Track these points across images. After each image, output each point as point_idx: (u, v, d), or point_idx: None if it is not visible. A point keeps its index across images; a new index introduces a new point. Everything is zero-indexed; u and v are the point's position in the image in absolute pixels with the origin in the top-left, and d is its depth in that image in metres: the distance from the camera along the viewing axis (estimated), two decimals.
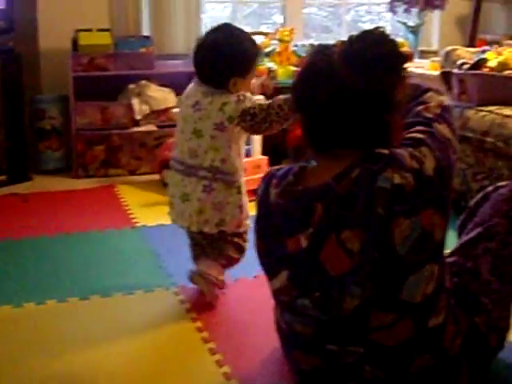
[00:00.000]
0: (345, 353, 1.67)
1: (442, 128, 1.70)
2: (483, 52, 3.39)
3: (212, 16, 5.11)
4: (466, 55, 3.48)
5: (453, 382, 1.75)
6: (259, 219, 1.76)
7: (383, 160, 1.58)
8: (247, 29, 4.72)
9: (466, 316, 1.76)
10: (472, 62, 3.26)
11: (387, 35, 1.65)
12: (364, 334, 1.64)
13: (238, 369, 1.99)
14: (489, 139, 3.02)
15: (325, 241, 1.59)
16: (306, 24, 5.21)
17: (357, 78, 1.57)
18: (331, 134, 1.63)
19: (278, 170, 1.76)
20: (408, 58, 1.71)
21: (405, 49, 4.23)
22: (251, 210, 2.15)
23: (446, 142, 1.68)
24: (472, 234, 1.87)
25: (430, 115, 1.73)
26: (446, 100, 1.81)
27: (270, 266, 1.74)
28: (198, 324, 2.26)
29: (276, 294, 1.74)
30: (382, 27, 1.67)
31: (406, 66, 1.67)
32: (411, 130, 1.70)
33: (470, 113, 3.17)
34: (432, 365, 1.69)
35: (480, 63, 3.24)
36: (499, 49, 3.38)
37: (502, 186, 1.92)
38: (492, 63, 3.21)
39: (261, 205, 1.75)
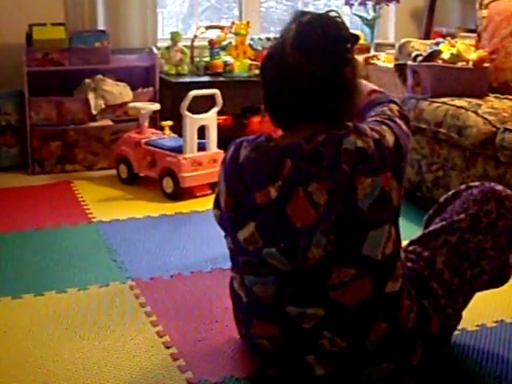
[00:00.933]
0: (304, 316, 1.72)
1: (401, 123, 1.82)
2: (437, 44, 3.41)
3: (170, 11, 5.09)
4: (421, 47, 3.51)
5: (407, 358, 1.79)
6: (228, 178, 1.79)
7: (347, 128, 1.70)
8: (206, 23, 4.71)
9: (416, 298, 1.81)
10: (426, 53, 3.29)
11: (336, 17, 1.74)
12: (324, 292, 1.69)
13: (193, 362, 2.00)
14: (442, 130, 3.05)
15: (292, 193, 1.68)
16: (265, 18, 5.21)
17: (305, 62, 1.66)
18: (289, 112, 1.73)
19: (246, 137, 1.83)
20: (358, 37, 1.76)
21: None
22: None
23: (404, 131, 1.80)
24: (436, 226, 1.92)
25: (391, 113, 1.85)
26: (407, 112, 1.93)
27: (237, 219, 1.77)
28: (153, 318, 2.26)
29: (243, 244, 1.76)
30: (333, 10, 1.74)
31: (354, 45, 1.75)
32: (374, 117, 1.83)
33: (424, 104, 3.20)
34: (388, 336, 1.74)
35: (434, 55, 3.27)
36: (453, 41, 3.41)
37: (474, 187, 1.96)
38: (445, 55, 3.25)
39: (229, 166, 1.79)
